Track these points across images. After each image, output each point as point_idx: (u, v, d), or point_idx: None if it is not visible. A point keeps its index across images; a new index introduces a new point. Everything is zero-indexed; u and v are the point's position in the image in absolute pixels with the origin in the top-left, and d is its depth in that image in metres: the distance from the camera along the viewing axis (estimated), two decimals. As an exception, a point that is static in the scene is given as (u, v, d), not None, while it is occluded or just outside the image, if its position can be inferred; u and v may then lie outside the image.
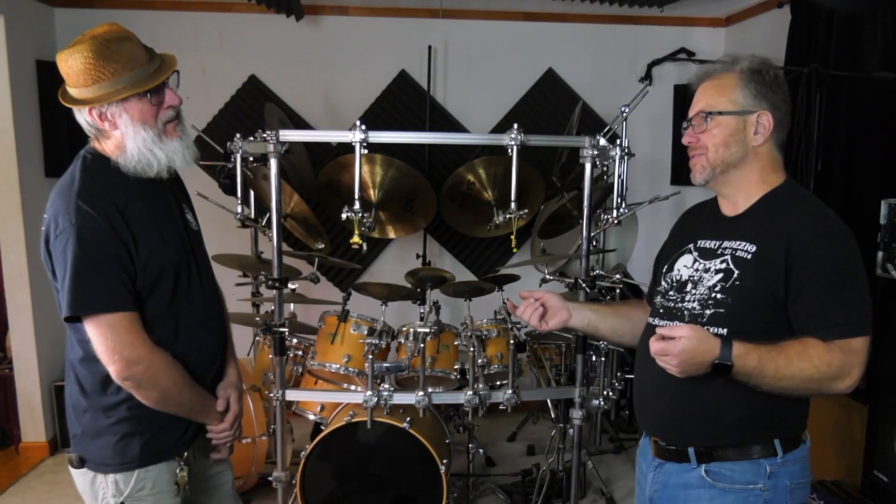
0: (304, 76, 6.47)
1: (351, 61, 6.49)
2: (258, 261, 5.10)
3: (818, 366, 2.22)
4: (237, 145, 3.74)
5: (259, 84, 6.45)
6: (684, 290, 2.52)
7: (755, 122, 2.43)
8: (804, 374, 2.23)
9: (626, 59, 6.74)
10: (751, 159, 2.47)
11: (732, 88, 2.47)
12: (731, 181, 2.51)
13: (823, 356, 2.22)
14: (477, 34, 6.56)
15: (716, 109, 2.47)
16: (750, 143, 2.45)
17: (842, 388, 2.26)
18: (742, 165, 2.48)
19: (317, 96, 6.52)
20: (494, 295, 5.10)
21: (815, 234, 2.30)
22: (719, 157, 2.49)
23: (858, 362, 2.25)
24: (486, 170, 4.87)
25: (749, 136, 2.45)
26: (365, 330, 4.46)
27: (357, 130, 3.62)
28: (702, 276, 2.49)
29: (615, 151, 3.74)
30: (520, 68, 6.63)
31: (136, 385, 2.51)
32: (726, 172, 2.50)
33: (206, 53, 6.37)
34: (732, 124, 2.46)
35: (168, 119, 2.59)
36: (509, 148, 3.65)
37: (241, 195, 3.89)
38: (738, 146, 2.46)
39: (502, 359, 4.43)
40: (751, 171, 2.48)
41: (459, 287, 4.92)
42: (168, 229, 2.64)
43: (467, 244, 6.80)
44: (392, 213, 5.30)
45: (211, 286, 2.85)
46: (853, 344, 2.24)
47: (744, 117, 2.44)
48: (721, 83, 2.50)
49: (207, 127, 6.34)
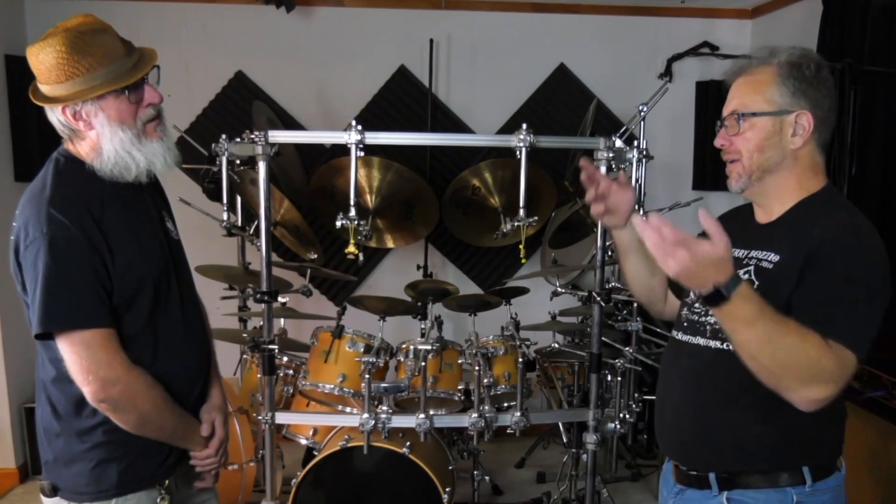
0: (296, 72, 6.48)
1: (346, 56, 6.50)
2: (245, 272, 5.10)
3: (811, 355, 2.12)
4: (223, 147, 3.74)
5: (246, 81, 6.46)
6: None
7: (793, 123, 2.38)
8: (793, 353, 2.12)
9: (644, 53, 6.75)
10: (789, 164, 2.42)
11: (768, 85, 2.41)
12: (767, 188, 2.48)
13: (821, 350, 2.14)
14: (482, 27, 6.57)
15: (749, 110, 2.42)
16: (787, 147, 2.40)
17: (812, 395, 2.16)
18: (779, 170, 2.44)
19: (309, 94, 6.52)
20: (501, 309, 5.10)
21: (840, 244, 2.24)
22: (754, 164, 2.45)
23: (842, 377, 2.17)
24: (492, 174, 4.87)
25: (786, 139, 2.39)
26: (361, 347, 4.46)
27: (352, 131, 3.62)
28: None
29: (632, 154, 3.74)
30: (529, 64, 6.64)
31: (113, 407, 2.51)
32: (762, 179, 2.46)
33: (190, 47, 6.37)
34: (768, 126, 2.41)
35: (148, 118, 2.59)
36: (517, 150, 3.65)
37: (227, 201, 3.89)
38: (774, 150, 2.41)
39: (510, 378, 4.43)
40: (789, 177, 2.44)
41: (463, 301, 4.93)
42: (147, 239, 2.64)
43: (472, 254, 6.79)
44: (391, 220, 5.31)
45: (193, 300, 2.85)
46: (848, 356, 2.16)
47: (780, 118, 2.39)
48: (756, 79, 2.45)
49: (190, 127, 6.34)
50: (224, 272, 5.02)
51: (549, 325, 5.01)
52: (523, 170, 3.68)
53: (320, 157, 6.21)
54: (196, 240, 3.76)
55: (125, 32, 2.60)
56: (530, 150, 3.64)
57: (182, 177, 6.02)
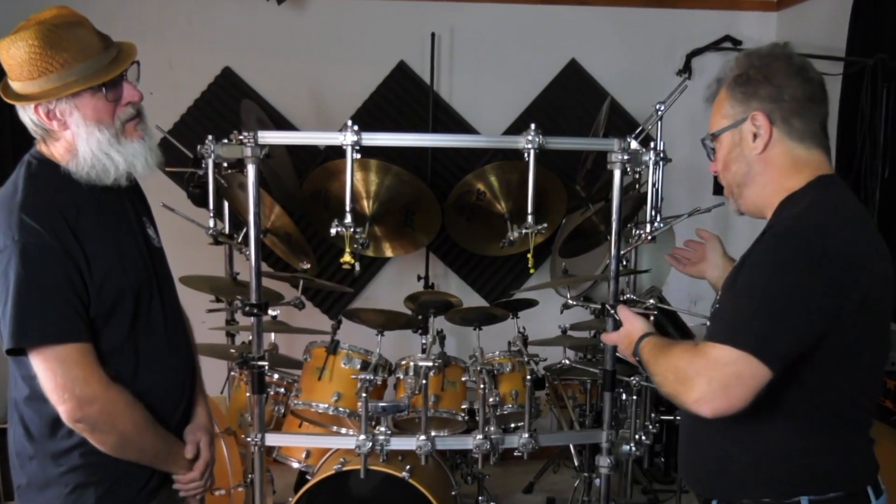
0: (287, 68, 6.49)
1: (341, 51, 6.51)
2: (233, 283, 5.10)
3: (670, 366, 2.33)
4: (209, 149, 3.74)
5: (234, 78, 6.47)
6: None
7: (751, 127, 2.44)
8: (661, 374, 2.37)
9: (661, 48, 6.76)
10: (760, 170, 2.46)
11: (722, 102, 2.52)
12: (753, 201, 2.53)
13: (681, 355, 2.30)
14: (488, 19, 6.58)
15: (712, 130, 2.54)
16: (751, 154, 2.45)
17: (688, 399, 2.24)
18: (753, 181, 2.49)
19: (301, 92, 6.53)
20: (508, 323, 5.09)
21: (755, 251, 2.32)
22: (728, 183, 2.56)
23: (709, 374, 2.21)
24: (498, 177, 4.87)
25: (748, 147, 2.45)
26: (357, 364, 4.46)
27: (348, 132, 3.62)
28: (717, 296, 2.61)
29: (649, 156, 3.74)
30: (538, 59, 6.65)
31: (91, 428, 2.51)
32: (743, 195, 2.54)
33: (173, 41, 6.38)
34: (730, 140, 2.49)
35: (127, 117, 2.60)
36: (525, 152, 3.64)
37: (214, 207, 3.89)
38: (738, 162, 2.49)
39: (517, 397, 4.42)
40: (766, 183, 2.48)
41: (468, 314, 4.92)
42: (127, 247, 2.64)
43: (477, 264, 6.80)
44: (389, 227, 5.31)
45: (176, 313, 2.86)
46: (714, 351, 2.21)
47: (738, 128, 2.46)
48: (716, 102, 2.56)
49: (174, 127, 6.35)
50: (210, 283, 5.01)
51: (560, 339, 5.01)
52: (532, 173, 3.68)
53: (314, 160, 6.23)
54: (180, 248, 3.75)
55: (103, 25, 2.60)
56: (539, 151, 3.64)
57: (165, 180, 6.03)
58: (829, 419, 2.34)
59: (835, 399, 2.33)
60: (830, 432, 2.30)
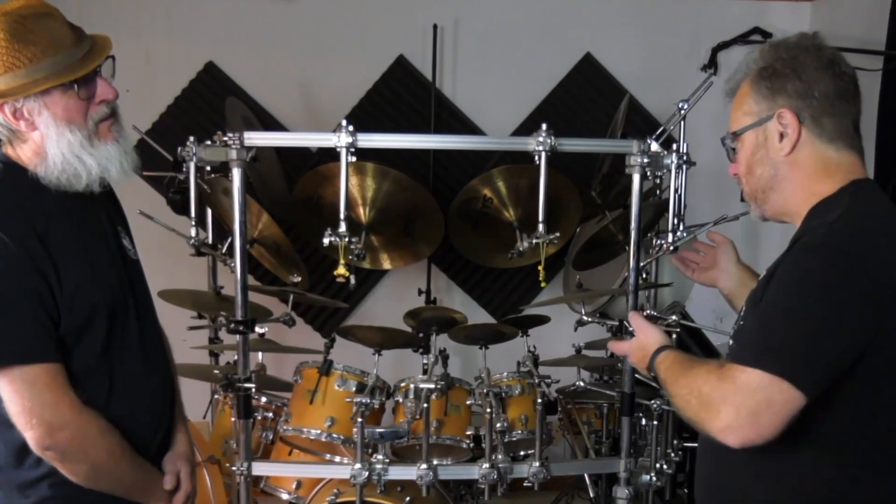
0: (276, 63, 6.49)
1: (335, 44, 6.52)
2: (217, 298, 5.10)
3: (692, 389, 2.30)
4: (190, 151, 3.74)
5: (218, 73, 6.48)
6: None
7: (778, 127, 2.40)
8: (682, 396, 2.35)
9: (684, 41, 6.76)
10: (786, 173, 2.43)
11: (745, 97, 2.48)
12: (780, 207, 2.51)
13: (702, 379, 2.28)
14: (495, 10, 6.60)
15: (734, 129, 2.51)
16: (777, 156, 2.42)
17: (713, 427, 2.23)
18: (779, 185, 2.46)
19: (292, 89, 6.54)
20: (517, 341, 5.09)
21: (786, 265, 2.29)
22: (751, 188, 2.53)
23: (737, 400, 2.18)
24: (506, 182, 4.88)
25: (774, 148, 2.42)
26: (353, 386, 4.46)
27: (342, 132, 3.62)
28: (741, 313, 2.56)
29: (671, 159, 3.74)
30: (549, 53, 6.66)
31: (61, 456, 2.51)
32: (768, 201, 2.50)
33: (151, 34, 6.39)
34: (753, 141, 2.46)
35: (101, 117, 2.60)
36: (536, 154, 3.65)
37: (196, 215, 3.89)
38: (763, 165, 2.46)
39: (527, 422, 4.42)
40: (794, 188, 2.45)
41: (473, 331, 4.92)
42: (100, 259, 2.64)
43: (483, 277, 6.81)
44: (387, 237, 5.31)
45: (154, 331, 2.86)
46: (742, 375, 2.19)
47: (763, 126, 2.43)
48: (738, 96, 2.53)
49: (152, 128, 6.35)
50: (192, 298, 5.02)
51: (574, 359, 5.01)
52: (543, 178, 3.69)
53: (305, 163, 6.23)
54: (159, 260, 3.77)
55: (74, 17, 2.61)
56: (551, 154, 3.65)
57: (142, 186, 6.02)
58: (864, 449, 2.30)
59: (871, 427, 2.29)
60: (865, 464, 2.27)
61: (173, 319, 3.50)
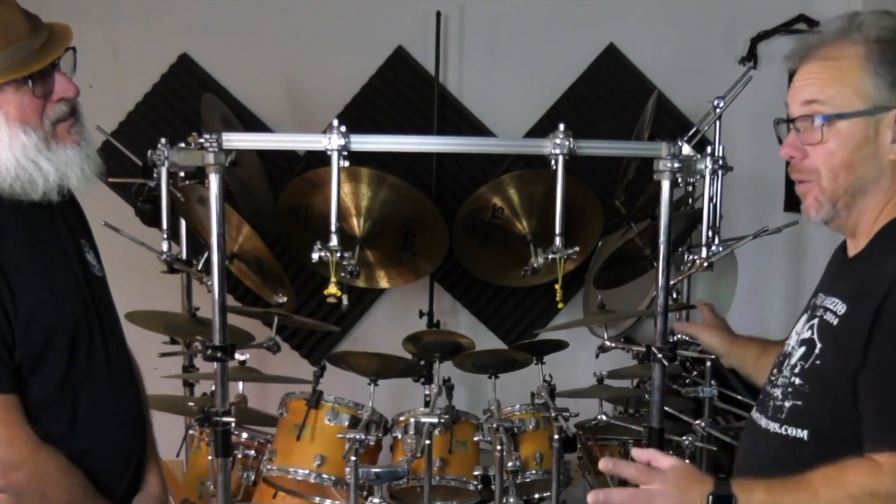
0: (258, 56, 6.49)
1: (325, 34, 6.52)
2: (192, 321, 5.10)
3: (857, 495, 2.09)
4: (162, 154, 3.73)
5: (193, 67, 6.48)
6: (781, 369, 2.48)
7: (893, 124, 2.25)
8: None
9: (719, 30, 6.77)
10: (888, 182, 2.31)
11: (857, 73, 2.27)
12: (857, 217, 2.39)
13: (865, 479, 2.10)
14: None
15: (836, 109, 2.28)
16: (886, 158, 2.28)
17: None
18: (874, 190, 2.33)
19: (276, 84, 6.54)
20: (531, 370, 5.09)
21: None
22: (840, 186, 2.34)
23: None
24: (519, 190, 4.89)
25: (884, 147, 2.27)
26: (345, 420, 4.46)
27: (334, 133, 3.61)
28: (794, 349, 2.43)
29: (704, 163, 3.73)
30: (568, 44, 6.66)
31: (16, 498, 2.51)
32: (852, 205, 2.35)
33: (119, 23, 6.38)
34: (860, 132, 2.27)
35: (59, 117, 2.60)
36: (552, 158, 3.63)
37: (168, 226, 3.89)
38: (867, 165, 2.29)
39: (542, 461, 4.42)
40: (883, 200, 2.34)
41: (481, 358, 4.93)
42: (60, 276, 2.64)
43: (492, 297, 6.80)
44: (385, 252, 5.32)
45: (122, 358, 2.86)
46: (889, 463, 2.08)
47: (876, 118, 2.25)
48: (838, 65, 2.30)
49: (119, 128, 6.34)
50: (163, 320, 5.02)
51: (595, 390, 5.00)
52: (560, 185, 3.68)
53: (291, 169, 6.25)
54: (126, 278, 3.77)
55: (30, 4, 2.61)
56: (569, 158, 3.64)
57: (107, 194, 6.02)
58: None
59: None
60: None
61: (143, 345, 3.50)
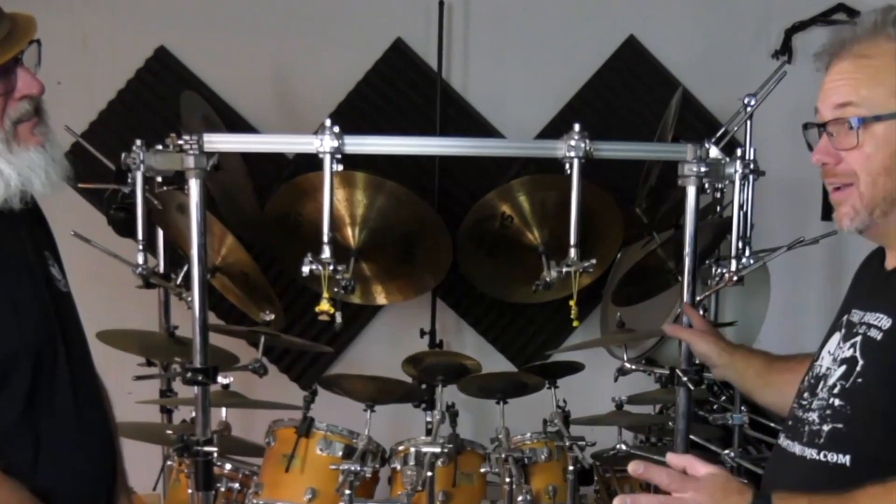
0: (244, 49, 6.50)
1: (317, 26, 6.54)
2: (170, 340, 5.10)
3: None
4: (137, 158, 3.74)
5: (172, 61, 6.49)
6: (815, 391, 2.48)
7: None
8: None
9: (750, 20, 6.77)
10: None
11: (892, 71, 2.27)
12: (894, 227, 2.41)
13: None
14: (515, -17, 6.59)
15: (873, 111, 2.28)
16: None
17: None
18: None
19: (263, 81, 6.56)
20: (543, 394, 5.09)
21: None
22: (878, 193, 2.32)
23: None
24: (530, 197, 4.88)
25: None
26: (339, 449, 4.45)
27: (326, 134, 3.62)
28: (830, 369, 2.43)
29: (734, 167, 3.73)
30: (584, 36, 6.67)
31: (-26, 538, 2.50)
32: (889, 213, 2.35)
33: (89, 13, 6.39)
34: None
35: (22, 116, 2.60)
36: (567, 162, 3.64)
37: (144, 237, 3.89)
38: None
39: (556, 495, 4.42)
40: None
41: (488, 382, 4.93)
42: (22, 293, 2.64)
43: (500, 315, 6.81)
44: (382, 265, 5.31)
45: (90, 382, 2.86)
46: None
47: None
48: (873, 63, 2.31)
49: (90, 129, 6.34)
50: (138, 340, 5.01)
51: (614, 417, 5.00)
52: (575, 191, 3.68)
53: (280, 174, 6.26)
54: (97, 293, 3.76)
55: (-8, -8, 2.61)
56: (585, 161, 3.64)
57: (77, 201, 6.03)
58: None
59: None
60: None
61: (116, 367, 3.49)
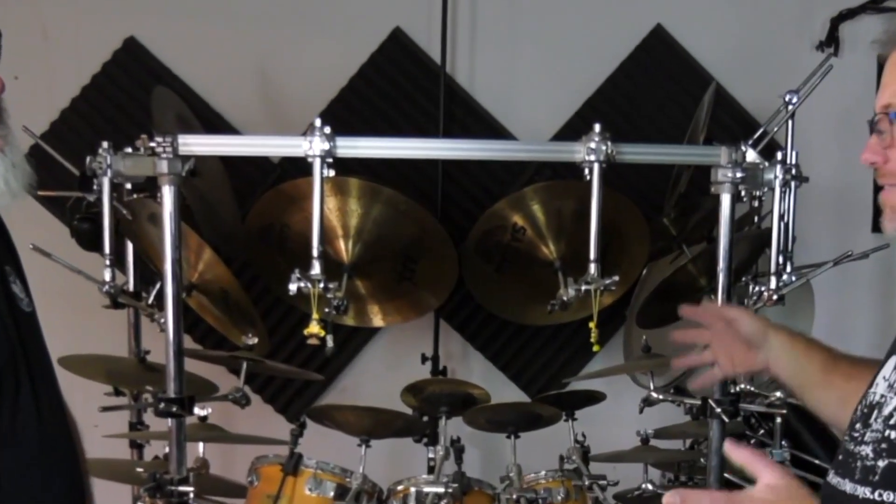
0: (223, 41, 6.50)
1: (305, 14, 6.53)
2: (141, 367, 5.10)
3: None
4: (104, 162, 3.75)
5: (142, 54, 6.48)
6: (868, 422, 2.46)
7: None
8: None
9: (790, 10, 6.76)
10: None
11: None
12: None
13: None
14: (528, -33, 6.61)
15: None
16: None
17: None
18: None
19: (245, 75, 6.56)
20: (560, 427, 5.10)
21: None
22: None
23: None
24: (544, 206, 4.89)
25: None
26: (330, 489, 4.47)
27: (316, 136, 3.63)
28: (885, 397, 2.43)
29: (774, 173, 3.74)
30: (605, 26, 6.67)
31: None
32: None
33: (51, 2, 6.41)
34: None
35: (-25, 116, 2.62)
36: (587, 166, 3.65)
37: (111, 250, 3.90)
38: None
39: (575, 541, 4.43)
40: None
41: (498, 413, 4.94)
42: (-21, 312, 2.65)
43: (511, 338, 6.78)
44: (379, 282, 5.32)
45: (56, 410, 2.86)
46: None
47: None
48: None
49: (51, 129, 6.36)
50: (106, 366, 5.01)
51: (639, 452, 5.00)
52: (595, 199, 3.69)
53: (264, 180, 6.27)
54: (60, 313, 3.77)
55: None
56: (607, 166, 3.65)
57: (37, 210, 6.04)
58: None
59: None
60: None
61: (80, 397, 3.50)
